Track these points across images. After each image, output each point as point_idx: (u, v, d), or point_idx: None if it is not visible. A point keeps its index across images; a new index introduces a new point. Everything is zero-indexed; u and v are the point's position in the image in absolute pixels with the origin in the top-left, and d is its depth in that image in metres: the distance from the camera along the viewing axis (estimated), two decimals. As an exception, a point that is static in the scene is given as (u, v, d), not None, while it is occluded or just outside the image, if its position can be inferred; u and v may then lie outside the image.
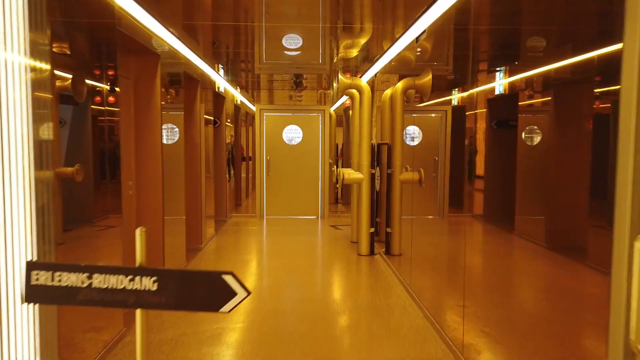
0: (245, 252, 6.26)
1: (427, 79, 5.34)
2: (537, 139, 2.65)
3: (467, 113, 3.71)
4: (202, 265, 5.55)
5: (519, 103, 2.83)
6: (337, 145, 11.40)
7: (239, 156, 10.52)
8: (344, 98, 9.84)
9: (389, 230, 5.92)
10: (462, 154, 3.77)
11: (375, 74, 6.71)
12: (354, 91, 6.80)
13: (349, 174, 6.09)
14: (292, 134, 9.20)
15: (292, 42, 6.43)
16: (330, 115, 10.26)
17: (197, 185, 6.18)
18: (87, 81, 3.19)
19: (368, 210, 6.10)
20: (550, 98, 2.59)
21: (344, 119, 11.02)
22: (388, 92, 6.36)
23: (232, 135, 9.29)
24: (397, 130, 5.80)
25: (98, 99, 3.32)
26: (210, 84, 6.99)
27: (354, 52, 6.50)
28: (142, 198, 4.46)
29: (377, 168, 6.17)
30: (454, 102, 4.31)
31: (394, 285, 4.88)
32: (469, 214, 3.61)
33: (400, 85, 5.70)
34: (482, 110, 3.36)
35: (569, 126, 2.40)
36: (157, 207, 4.48)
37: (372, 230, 6.14)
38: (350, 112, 9.51)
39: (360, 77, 7.27)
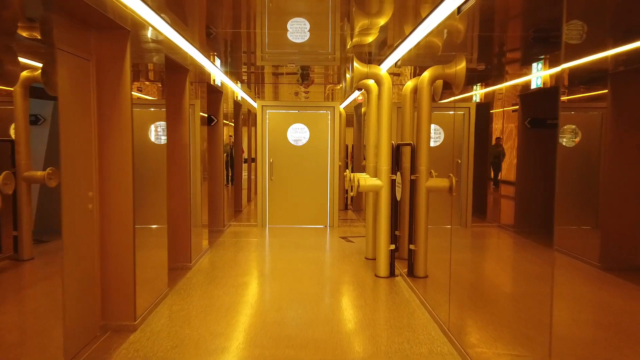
0: (242, 272, 5.31)
1: (460, 66, 4.42)
2: (575, 139, 2.37)
3: (492, 111, 3.36)
4: (187, 292, 4.61)
5: (562, 98, 2.41)
6: (346, 146, 10.43)
7: (239, 158, 9.59)
8: (355, 94, 8.88)
9: (412, 247, 4.95)
10: (488, 157, 3.41)
11: (396, 63, 5.74)
12: (370, 83, 5.84)
13: (365, 180, 5.12)
14: (298, 133, 8.25)
15: (297, 27, 5.56)
16: (340, 113, 9.30)
17: (185, 191, 5.25)
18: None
19: (387, 223, 5.13)
20: (606, 91, 2.20)
21: (354, 117, 10.07)
22: (410, 84, 5.40)
23: (230, 135, 8.36)
24: (423, 128, 4.83)
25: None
26: (204, 75, 6.07)
27: (370, 38, 5.55)
28: (109, 209, 3.52)
29: (398, 173, 5.20)
30: (476, 99, 3.90)
31: (425, 322, 3.92)
32: (495, 224, 3.30)
33: (427, 74, 4.74)
34: (510, 108, 3.08)
35: (631, 124, 2.08)
36: (126, 221, 3.54)
37: (393, 247, 5.17)
38: (363, 109, 8.57)
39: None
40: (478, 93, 3.85)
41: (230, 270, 5.31)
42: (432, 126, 5.06)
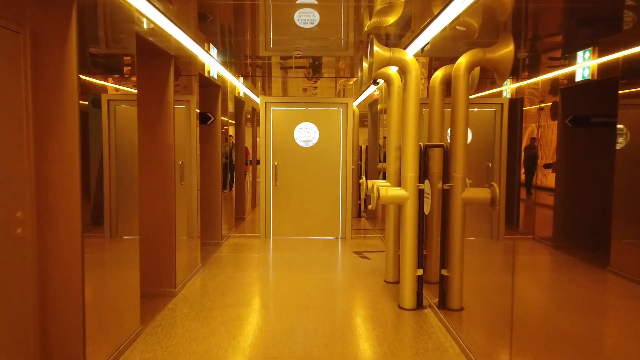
0: (237, 300, 4.40)
1: (507, 50, 3.53)
2: (622, 140, 2.05)
3: (526, 108, 3.02)
4: (164, 332, 3.71)
5: (620, 92, 2.08)
6: (360, 147, 9.48)
7: (241, 160, 8.69)
8: (371, 89, 7.93)
9: (445, 273, 4.01)
10: (519, 160, 3.12)
11: (422, 48, 4.79)
12: (392, 72, 4.90)
13: (386, 190, 4.18)
14: (306, 133, 7.33)
15: (305, 16, 4.74)
16: (354, 111, 8.36)
17: (168, 200, 4.35)
18: None
19: (414, 243, 4.18)
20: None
21: (368, 116, 9.11)
22: (439, 74, 4.47)
23: (230, 135, 7.46)
24: (459, 126, 3.89)
25: None
26: (195, 65, 5.18)
27: (391, 18, 4.62)
28: (48, 234, 2.63)
29: (427, 181, 4.26)
30: (505, 94, 3.54)
31: (469, 381, 2.99)
32: (530, 237, 2.98)
33: (463, 60, 3.81)
34: (543, 105, 2.80)
35: None
36: (72, 247, 2.65)
37: (421, 273, 4.22)
38: (380, 106, 7.58)
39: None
40: (508, 88, 3.44)
41: (223, 298, 4.40)
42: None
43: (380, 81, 6.89)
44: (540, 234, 2.90)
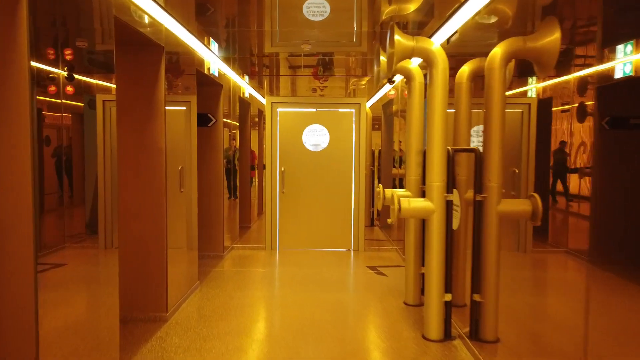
0: (237, 328, 3.85)
1: (552, 37, 3.02)
2: None
3: (555, 109, 2.81)
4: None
5: None
6: (372, 152, 8.90)
7: (246, 165, 8.16)
8: (386, 88, 7.35)
9: (477, 298, 3.42)
10: (549, 165, 2.89)
11: (448, 39, 4.22)
12: (413, 67, 4.34)
13: (409, 201, 3.60)
14: (316, 136, 6.77)
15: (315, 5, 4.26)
16: (367, 113, 7.79)
17: (158, 209, 3.82)
18: None
19: (441, 263, 3.60)
20: None
21: (382, 117, 8.53)
22: (465, 68, 3.92)
23: (233, 139, 6.94)
24: (494, 127, 3.33)
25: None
26: (192, 60, 4.65)
27: (412, 5, 4.08)
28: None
29: (455, 191, 3.68)
30: (530, 93, 3.28)
31: None
32: (561, 249, 2.73)
33: (499, 50, 3.25)
34: (567, 107, 2.64)
35: None
36: (23, 267, 2.12)
37: (449, 298, 3.63)
38: (395, 107, 7.00)
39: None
40: (534, 87, 3.17)
41: (221, 325, 3.85)
42: (477, 127, 3.87)
43: (397, 79, 6.32)
44: (574, 246, 2.65)
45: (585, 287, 2.64)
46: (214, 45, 5.28)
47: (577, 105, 2.59)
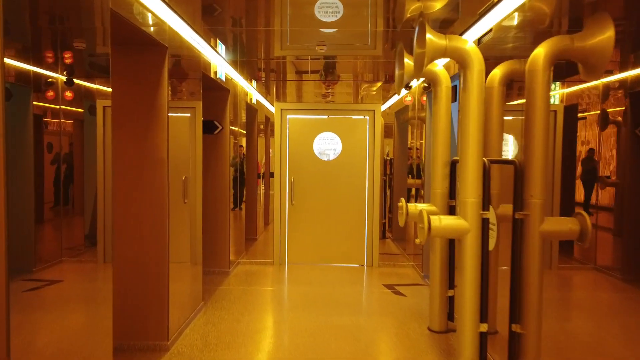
0: (245, 358, 3.45)
1: (604, 36, 2.68)
2: None
3: (581, 115, 2.68)
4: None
5: None
6: (385, 160, 8.50)
7: (253, 175, 7.79)
8: (402, 93, 6.96)
9: (517, 329, 3.02)
10: (574, 175, 2.73)
11: (479, 39, 3.85)
12: (439, 70, 3.97)
13: (440, 219, 3.20)
14: (327, 144, 6.40)
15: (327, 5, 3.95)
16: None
17: (159, 225, 3.45)
18: None
19: (476, 289, 3.20)
20: None
21: (394, 125, 8.15)
22: (497, 71, 3.56)
23: (241, 146, 6.58)
24: (537, 136, 2.96)
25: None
26: (198, 64, 4.30)
27: (438, 3, 3.74)
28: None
29: (492, 208, 3.30)
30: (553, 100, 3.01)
31: None
32: (589, 265, 2.65)
33: (542, 51, 2.89)
34: (592, 113, 2.55)
35: None
36: None
37: (485, 328, 3.23)
38: (410, 113, 6.59)
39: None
40: (558, 93, 3.03)
41: (227, 355, 3.44)
42: (505, 136, 3.60)
43: (413, 85, 5.96)
44: (603, 262, 2.54)
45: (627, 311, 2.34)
46: (221, 47, 4.93)
47: (598, 112, 2.47)
